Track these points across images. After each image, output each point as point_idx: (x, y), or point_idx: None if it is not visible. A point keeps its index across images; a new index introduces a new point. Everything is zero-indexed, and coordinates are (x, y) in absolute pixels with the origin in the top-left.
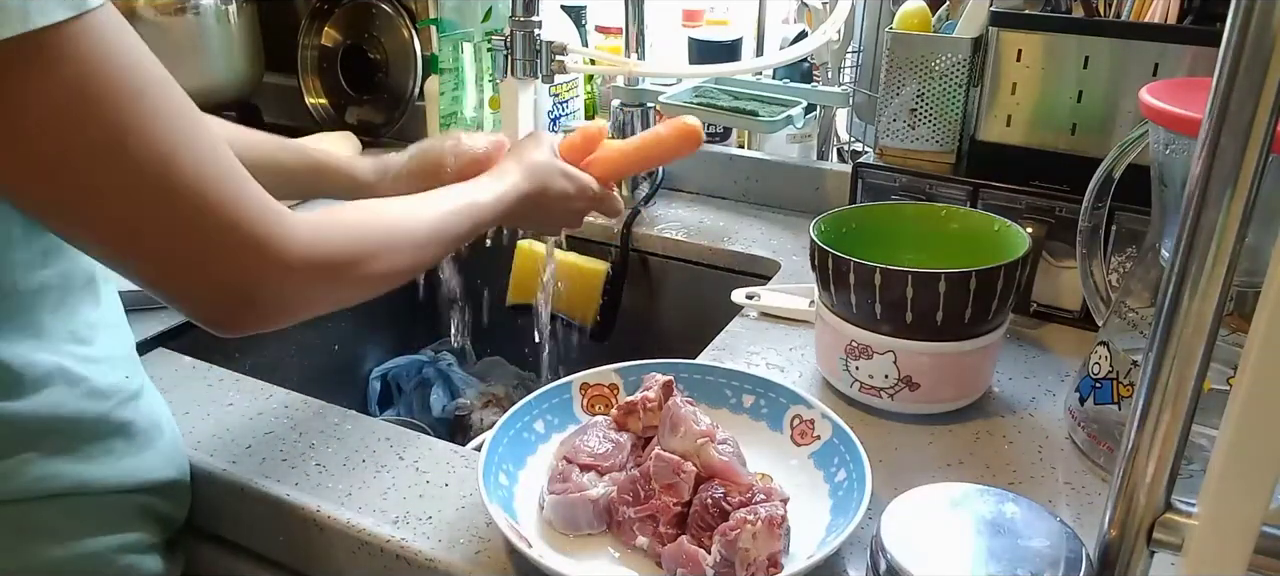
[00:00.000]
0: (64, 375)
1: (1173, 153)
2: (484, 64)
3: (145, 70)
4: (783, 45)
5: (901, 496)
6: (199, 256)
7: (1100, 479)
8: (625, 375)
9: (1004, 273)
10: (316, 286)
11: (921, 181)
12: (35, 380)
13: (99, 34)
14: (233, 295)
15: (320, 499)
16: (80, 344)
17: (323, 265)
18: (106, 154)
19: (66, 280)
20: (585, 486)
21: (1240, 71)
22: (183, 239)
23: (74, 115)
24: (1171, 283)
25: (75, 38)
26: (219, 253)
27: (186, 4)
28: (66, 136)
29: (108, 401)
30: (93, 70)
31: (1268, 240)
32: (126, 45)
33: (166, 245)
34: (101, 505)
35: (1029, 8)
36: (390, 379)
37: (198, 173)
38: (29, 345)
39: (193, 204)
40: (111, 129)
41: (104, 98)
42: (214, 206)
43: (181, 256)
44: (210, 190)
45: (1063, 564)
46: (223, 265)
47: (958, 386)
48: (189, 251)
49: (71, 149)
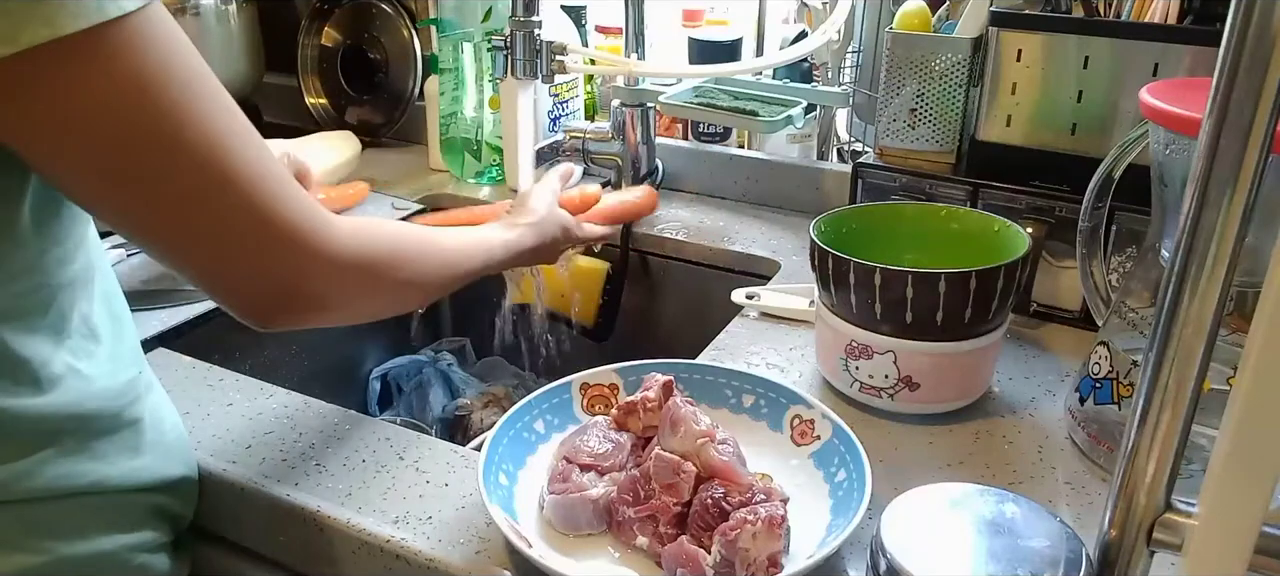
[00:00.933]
0: (79, 372)
1: (1173, 153)
2: (484, 64)
3: (197, 64)
4: (783, 45)
5: (901, 496)
6: (248, 247)
7: (1100, 479)
8: (625, 375)
9: (1004, 273)
10: (356, 286)
11: (921, 181)
12: (53, 376)
13: (157, 27)
14: (277, 287)
15: (320, 499)
16: (94, 341)
17: (364, 265)
18: (164, 144)
19: (85, 275)
20: (585, 486)
21: (1240, 71)
22: (235, 229)
23: (133, 105)
24: (1171, 283)
25: (137, 29)
26: (268, 244)
27: (186, 4)
28: (126, 126)
29: (121, 399)
30: (151, 61)
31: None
32: (179, 39)
33: (218, 235)
34: (117, 504)
35: (1029, 8)
36: (390, 379)
37: (248, 167)
38: (51, 341)
39: (245, 195)
40: (168, 119)
41: (162, 88)
42: (265, 199)
43: (232, 246)
44: (260, 184)
45: (1063, 564)
46: (270, 257)
47: (958, 386)
48: (240, 242)
49: (131, 139)
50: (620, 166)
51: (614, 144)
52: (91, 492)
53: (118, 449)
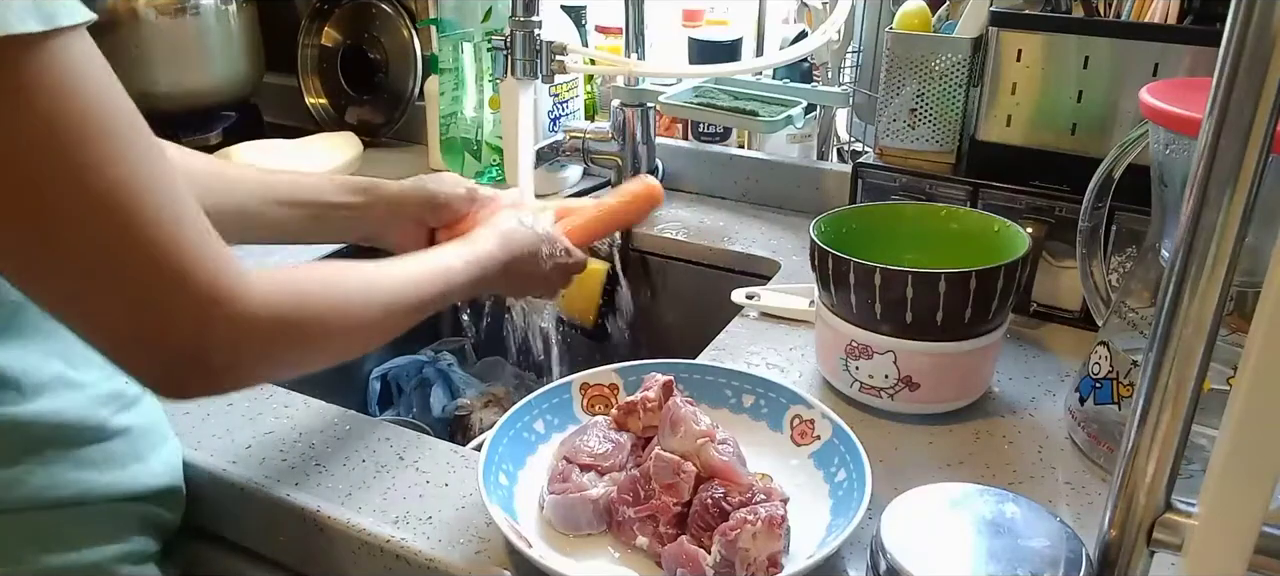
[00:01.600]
0: (66, 381)
1: (1173, 153)
2: (484, 64)
3: (115, 105)
4: (783, 45)
5: (901, 496)
6: (149, 306)
7: (1100, 479)
8: (625, 375)
9: (1004, 272)
10: (273, 346)
11: (921, 181)
12: (37, 386)
13: (71, 59)
14: (183, 352)
15: (320, 499)
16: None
17: (285, 322)
18: (65, 189)
19: None
20: (585, 486)
21: (1240, 71)
22: (133, 286)
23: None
24: (1171, 283)
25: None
26: (170, 303)
27: (186, 4)
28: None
29: (108, 407)
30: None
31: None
32: (97, 76)
33: (116, 292)
34: (103, 513)
35: (1029, 8)
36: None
37: (156, 217)
38: (34, 351)
39: (146, 250)
40: (73, 163)
41: (69, 129)
42: (168, 254)
43: (131, 305)
44: (166, 237)
45: (1063, 564)
46: (174, 316)
47: (958, 386)
48: (139, 301)
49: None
50: (620, 166)
51: (614, 144)
52: (77, 502)
53: (105, 457)
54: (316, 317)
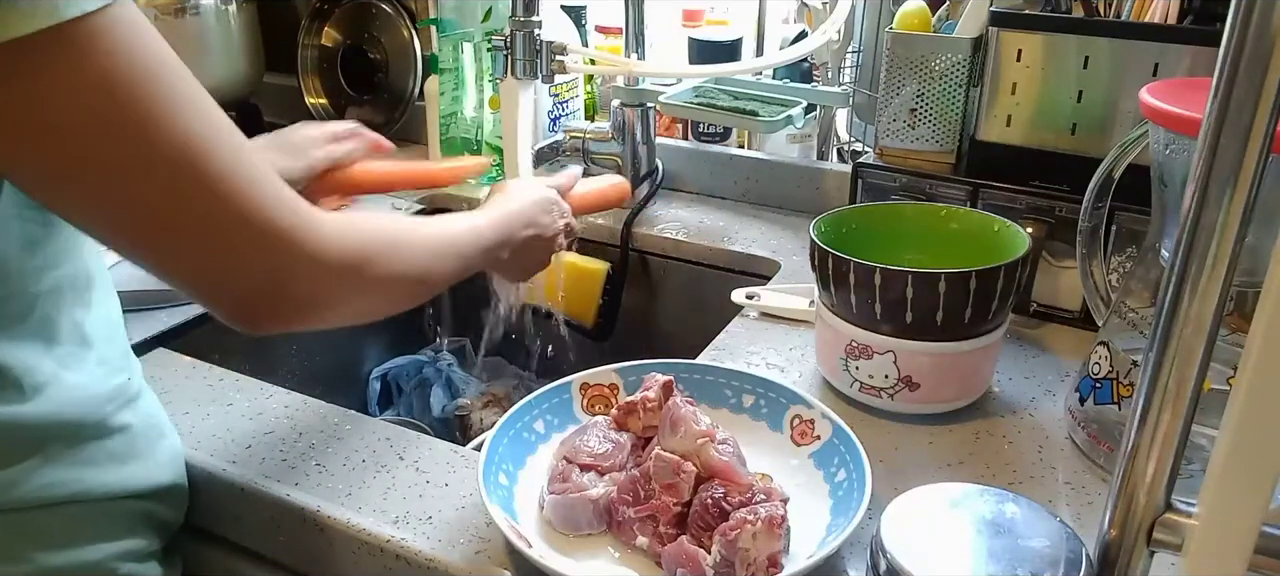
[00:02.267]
0: (65, 379)
1: (1173, 153)
2: (484, 64)
3: (169, 63)
4: (783, 45)
5: (901, 496)
6: (229, 248)
7: (1100, 479)
8: (625, 375)
9: (1004, 273)
10: (344, 284)
11: (921, 181)
12: (38, 384)
13: (124, 26)
14: (262, 289)
15: (320, 499)
16: (82, 347)
17: (353, 261)
18: (135, 145)
19: (72, 282)
20: (585, 486)
21: (1240, 71)
22: (212, 230)
23: (102, 107)
24: (1171, 283)
25: (103, 29)
26: (249, 244)
27: (186, 4)
28: (95, 129)
29: (110, 404)
30: (119, 62)
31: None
32: (150, 38)
33: (196, 237)
34: (103, 511)
35: (1029, 8)
36: (390, 379)
37: (224, 164)
38: (35, 348)
39: (222, 194)
40: (139, 119)
41: (132, 88)
42: (244, 197)
43: (211, 249)
44: (239, 181)
45: (1063, 564)
46: (253, 257)
47: (958, 386)
48: (219, 243)
49: (101, 142)
50: (620, 166)
51: (614, 144)
52: (78, 500)
53: (106, 455)
54: (378, 253)
